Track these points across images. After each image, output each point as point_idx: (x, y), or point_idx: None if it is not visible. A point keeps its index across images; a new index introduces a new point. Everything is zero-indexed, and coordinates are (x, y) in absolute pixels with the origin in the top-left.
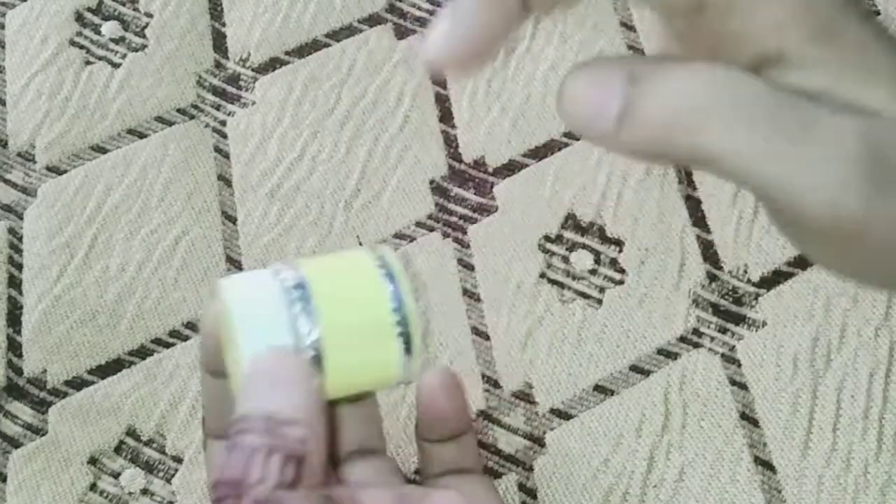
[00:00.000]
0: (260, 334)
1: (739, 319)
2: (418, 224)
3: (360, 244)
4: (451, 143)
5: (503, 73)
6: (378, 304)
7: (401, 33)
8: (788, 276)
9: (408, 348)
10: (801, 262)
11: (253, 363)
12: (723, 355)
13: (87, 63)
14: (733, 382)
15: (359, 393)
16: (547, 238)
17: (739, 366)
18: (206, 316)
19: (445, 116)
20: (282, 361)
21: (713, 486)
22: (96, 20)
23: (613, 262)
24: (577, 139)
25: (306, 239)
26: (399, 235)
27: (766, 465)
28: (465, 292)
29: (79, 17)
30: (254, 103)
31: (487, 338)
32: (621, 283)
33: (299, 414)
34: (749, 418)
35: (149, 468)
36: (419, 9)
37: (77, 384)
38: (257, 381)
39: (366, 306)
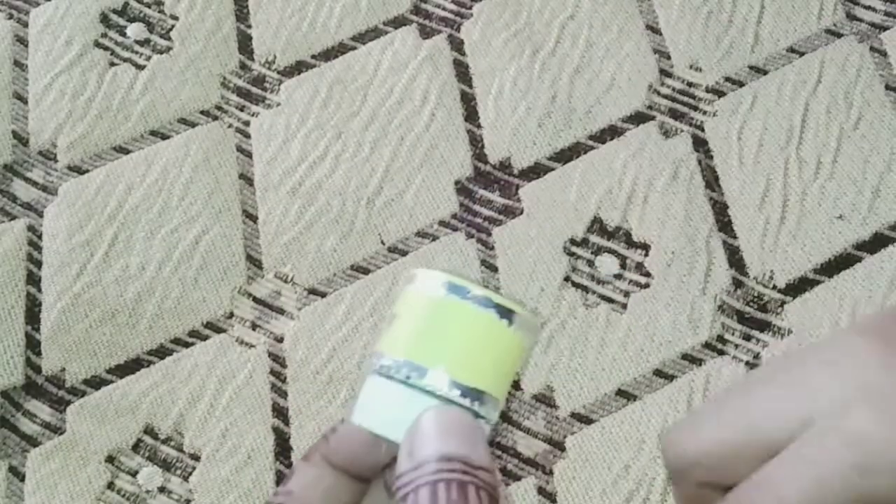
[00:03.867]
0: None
1: (765, 326)
2: (442, 223)
3: (382, 242)
4: (476, 142)
5: (529, 72)
6: (460, 311)
7: (426, 33)
8: (814, 283)
9: (505, 314)
10: (827, 270)
11: (428, 418)
12: (747, 363)
13: (112, 64)
14: None
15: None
16: (572, 241)
17: None
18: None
19: (471, 115)
20: (455, 416)
21: None
22: (122, 22)
23: (639, 267)
24: (603, 142)
25: (327, 237)
26: (422, 234)
27: None
28: None
29: (104, 19)
30: (278, 105)
31: None
32: (647, 286)
33: (486, 461)
34: None
35: (166, 466)
36: (444, 9)
37: (96, 383)
38: (436, 431)
39: (457, 323)
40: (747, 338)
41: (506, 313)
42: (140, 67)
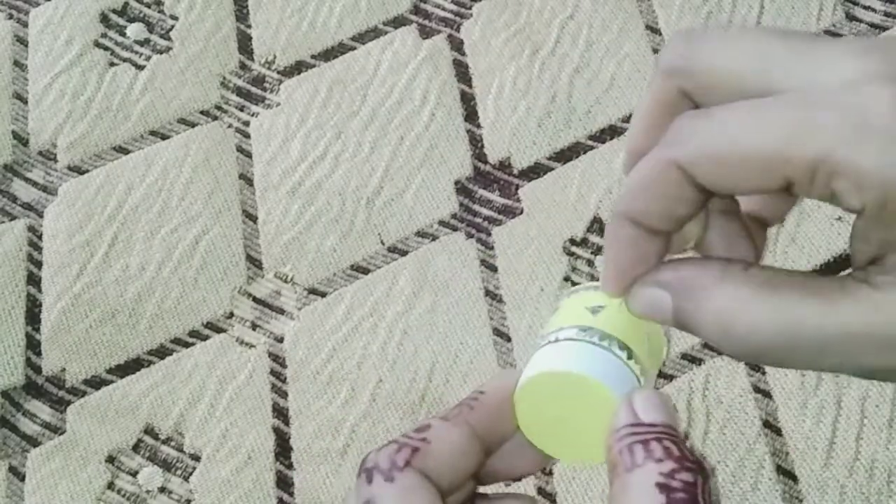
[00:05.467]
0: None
1: None
2: (441, 223)
3: (382, 242)
4: (476, 142)
5: (528, 71)
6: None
7: (426, 33)
8: None
9: None
10: (826, 271)
11: (655, 394)
12: (747, 363)
13: (112, 65)
14: (757, 390)
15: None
16: (572, 241)
17: (763, 373)
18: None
19: (471, 115)
20: (669, 401)
21: (734, 493)
22: (122, 22)
23: None
24: (603, 142)
25: (327, 236)
26: (421, 234)
27: (787, 474)
28: (488, 293)
29: (104, 19)
30: (278, 105)
31: (509, 339)
32: None
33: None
34: (772, 426)
35: (167, 466)
36: (443, 9)
37: (96, 383)
38: (664, 406)
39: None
40: None
41: None
42: (140, 67)
